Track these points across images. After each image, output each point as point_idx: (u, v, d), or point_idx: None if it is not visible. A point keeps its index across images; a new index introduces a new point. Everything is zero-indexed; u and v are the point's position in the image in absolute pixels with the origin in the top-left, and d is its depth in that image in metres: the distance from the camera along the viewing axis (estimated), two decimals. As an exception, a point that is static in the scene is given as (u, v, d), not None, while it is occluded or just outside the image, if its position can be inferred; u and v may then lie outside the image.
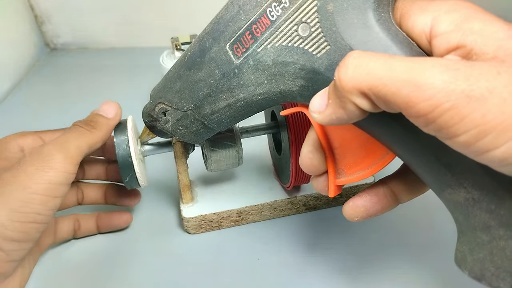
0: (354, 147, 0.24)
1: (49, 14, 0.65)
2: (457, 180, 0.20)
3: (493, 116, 0.15)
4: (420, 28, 0.20)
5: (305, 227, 0.37)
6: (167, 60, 0.46)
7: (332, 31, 0.21)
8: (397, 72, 0.16)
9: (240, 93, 0.25)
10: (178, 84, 0.27)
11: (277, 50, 0.23)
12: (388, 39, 0.20)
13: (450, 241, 0.35)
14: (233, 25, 0.24)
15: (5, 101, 0.56)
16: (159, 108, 0.28)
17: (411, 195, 0.26)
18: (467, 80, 0.15)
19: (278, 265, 0.34)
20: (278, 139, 0.37)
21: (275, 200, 0.37)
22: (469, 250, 0.20)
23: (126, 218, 0.37)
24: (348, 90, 0.18)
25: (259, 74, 0.24)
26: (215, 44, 0.24)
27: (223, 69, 0.25)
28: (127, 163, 0.31)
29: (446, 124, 0.16)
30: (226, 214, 0.36)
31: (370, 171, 0.24)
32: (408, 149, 0.21)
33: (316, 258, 0.34)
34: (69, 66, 0.65)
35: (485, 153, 0.16)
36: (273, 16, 0.22)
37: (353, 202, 0.25)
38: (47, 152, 0.27)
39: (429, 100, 0.15)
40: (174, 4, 0.63)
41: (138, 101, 0.47)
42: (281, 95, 0.24)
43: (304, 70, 0.22)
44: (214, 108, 0.26)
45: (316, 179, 0.26)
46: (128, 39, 0.67)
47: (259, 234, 0.37)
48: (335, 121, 0.19)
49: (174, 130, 0.29)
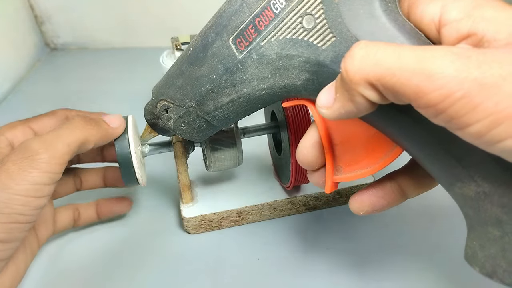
0: (354, 145, 0.24)
1: (49, 14, 0.65)
2: (467, 173, 0.19)
3: (507, 105, 0.14)
4: (429, 17, 0.19)
5: (305, 227, 0.37)
6: (167, 60, 0.46)
7: (337, 22, 0.20)
8: (406, 61, 0.16)
9: (244, 88, 0.24)
10: (180, 80, 0.26)
11: (281, 43, 0.22)
12: (395, 29, 0.20)
13: (451, 240, 0.35)
14: (236, 18, 0.23)
15: (5, 101, 0.56)
16: (161, 105, 0.28)
17: (419, 190, 0.25)
18: (479, 67, 0.15)
19: (278, 265, 0.34)
20: (278, 139, 0.37)
21: (275, 200, 0.37)
22: (480, 246, 0.20)
23: (127, 203, 0.36)
24: (355, 82, 0.17)
25: (263, 68, 0.23)
26: (218, 39, 0.24)
27: (226, 64, 0.24)
28: (127, 162, 0.31)
29: (457, 113, 0.15)
30: (226, 214, 0.36)
31: (369, 171, 0.24)
32: (416, 142, 0.21)
33: (316, 258, 0.34)
34: (69, 66, 0.65)
35: (498, 143, 0.15)
36: (277, 8, 0.22)
37: (359, 196, 0.25)
38: (33, 150, 0.26)
39: (440, 89, 0.15)
40: (174, 4, 0.63)
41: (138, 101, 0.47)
42: (285, 89, 0.24)
43: (309, 63, 0.22)
44: (217, 104, 0.26)
45: (311, 173, 0.26)
46: (128, 39, 0.67)
47: (259, 234, 0.37)
48: (344, 115, 0.19)
49: (176, 127, 0.28)
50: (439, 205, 0.26)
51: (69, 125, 0.28)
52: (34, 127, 0.31)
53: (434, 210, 0.37)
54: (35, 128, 0.31)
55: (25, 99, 0.56)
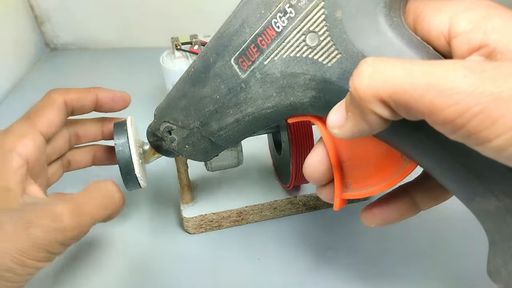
0: (364, 162, 0.24)
1: (49, 14, 0.65)
2: (487, 188, 0.18)
3: None
4: (437, 29, 0.19)
5: (305, 227, 0.37)
6: (167, 60, 0.46)
7: (342, 39, 0.20)
8: (417, 77, 0.15)
9: (248, 107, 0.24)
10: (183, 101, 0.26)
11: (285, 62, 0.22)
12: (402, 43, 0.19)
13: (451, 241, 0.35)
14: (237, 38, 0.23)
15: (5, 101, 0.56)
16: (164, 127, 0.28)
17: (433, 203, 0.25)
18: (495, 81, 0.14)
19: (278, 265, 0.34)
20: (278, 139, 0.37)
21: (275, 200, 0.37)
22: (504, 263, 0.19)
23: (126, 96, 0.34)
24: (366, 99, 0.17)
25: (267, 87, 0.23)
26: (220, 59, 0.24)
27: (229, 84, 0.24)
28: (127, 164, 0.31)
29: (476, 129, 0.15)
30: (226, 214, 0.36)
31: (379, 188, 0.23)
32: (431, 157, 0.20)
33: (316, 258, 0.34)
34: (69, 66, 0.65)
35: None
36: (278, 27, 0.21)
37: (371, 209, 0.25)
38: (62, 223, 0.24)
39: (456, 105, 0.15)
40: (174, 4, 0.63)
41: (138, 101, 0.47)
42: (291, 107, 0.23)
43: (315, 80, 0.21)
44: (221, 124, 0.25)
45: (320, 188, 0.25)
46: (128, 39, 0.67)
47: (259, 234, 0.37)
48: (357, 134, 0.18)
49: (180, 149, 0.28)
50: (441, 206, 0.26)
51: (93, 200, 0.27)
52: (41, 128, 0.29)
53: (436, 211, 0.37)
54: (42, 130, 0.29)
55: (25, 99, 0.56)
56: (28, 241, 0.23)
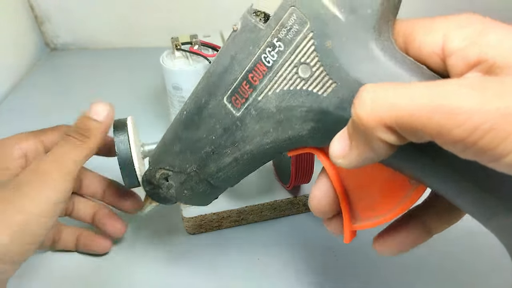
0: (370, 190, 0.23)
1: (49, 14, 0.65)
2: (505, 205, 0.18)
3: None
4: (429, 48, 0.19)
5: (305, 227, 0.37)
6: (167, 60, 0.46)
7: (335, 68, 0.19)
8: (421, 99, 0.15)
9: (246, 145, 0.23)
10: (178, 145, 0.26)
11: (279, 96, 0.21)
12: (397, 67, 0.19)
13: (451, 242, 0.35)
14: (227, 77, 0.22)
15: (5, 101, 0.56)
16: (159, 174, 0.27)
17: (445, 225, 0.24)
18: (501, 98, 0.14)
19: (278, 265, 0.34)
20: (278, 139, 0.37)
21: (275, 200, 0.37)
22: None
23: (106, 244, 0.35)
24: (371, 126, 0.16)
25: (264, 123, 0.22)
26: (212, 99, 0.23)
27: (224, 124, 0.23)
28: (127, 164, 0.31)
29: (488, 146, 0.14)
30: (226, 214, 0.36)
31: (389, 216, 0.22)
32: (443, 179, 0.19)
33: (316, 258, 0.34)
34: (69, 66, 0.65)
35: None
36: (269, 62, 0.21)
37: (383, 239, 0.24)
38: (44, 170, 0.26)
39: (464, 124, 0.14)
40: (174, 4, 0.63)
41: (138, 101, 0.47)
42: (290, 141, 0.22)
43: (312, 112, 0.21)
44: (219, 165, 0.25)
45: (328, 221, 0.25)
46: (128, 39, 0.67)
47: (259, 234, 0.37)
48: (363, 162, 0.18)
49: (179, 194, 0.27)
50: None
51: (69, 142, 0.28)
52: (45, 140, 0.31)
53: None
54: (46, 142, 0.31)
55: (25, 99, 0.56)
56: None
